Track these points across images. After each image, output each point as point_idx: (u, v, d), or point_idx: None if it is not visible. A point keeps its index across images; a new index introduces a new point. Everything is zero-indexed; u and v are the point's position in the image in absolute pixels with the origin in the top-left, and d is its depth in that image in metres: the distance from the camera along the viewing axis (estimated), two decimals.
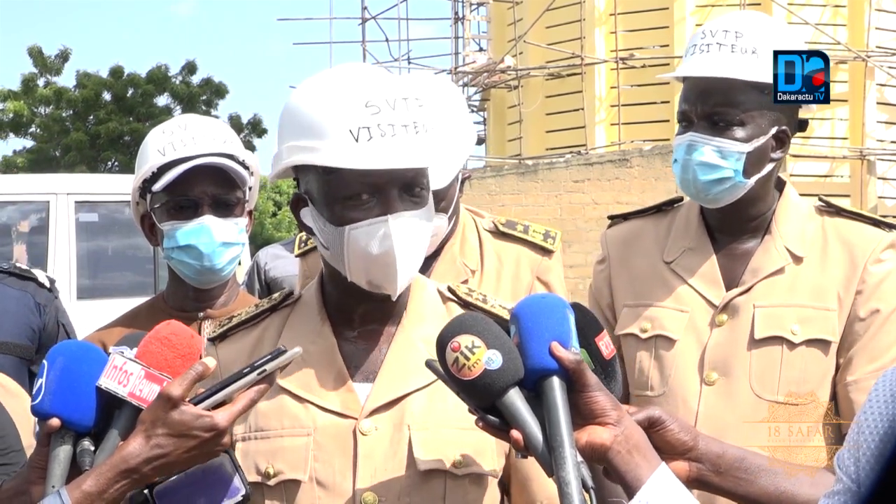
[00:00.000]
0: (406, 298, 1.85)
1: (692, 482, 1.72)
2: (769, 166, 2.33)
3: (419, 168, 1.74)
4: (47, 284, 2.91)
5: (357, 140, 1.70)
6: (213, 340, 1.92)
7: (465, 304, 1.86)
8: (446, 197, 2.53)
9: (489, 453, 1.78)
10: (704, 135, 2.30)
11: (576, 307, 1.68)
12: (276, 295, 1.94)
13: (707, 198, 2.34)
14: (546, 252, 2.72)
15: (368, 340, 1.84)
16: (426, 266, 2.64)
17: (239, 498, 1.73)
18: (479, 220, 2.75)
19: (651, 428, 1.67)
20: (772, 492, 1.71)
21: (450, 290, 1.90)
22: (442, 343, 1.56)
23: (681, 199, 2.53)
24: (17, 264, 2.93)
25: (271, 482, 1.77)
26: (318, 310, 1.86)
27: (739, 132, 2.29)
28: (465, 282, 2.60)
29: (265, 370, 1.64)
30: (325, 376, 1.80)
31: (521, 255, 2.71)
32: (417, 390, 1.77)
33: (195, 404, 1.63)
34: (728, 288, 2.35)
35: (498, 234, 2.74)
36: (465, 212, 2.73)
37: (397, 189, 1.73)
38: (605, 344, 1.68)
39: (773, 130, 2.31)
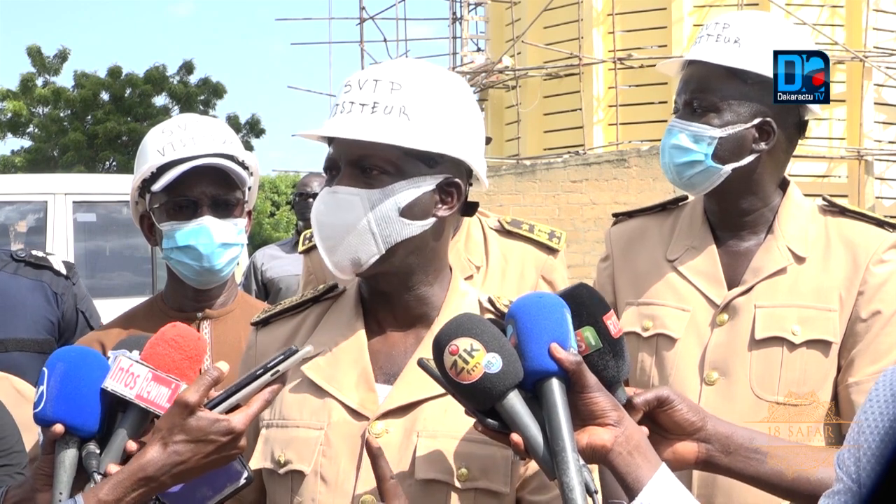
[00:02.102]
0: (440, 302, 1.83)
1: (701, 463, 1.72)
2: (750, 157, 2.33)
3: (372, 147, 1.71)
4: (63, 271, 2.85)
5: (329, 117, 1.77)
6: (255, 325, 1.93)
7: (502, 315, 1.79)
8: None
9: (501, 471, 1.74)
10: (684, 120, 2.35)
11: (583, 287, 1.68)
12: (321, 286, 1.93)
13: (682, 181, 2.37)
14: (551, 251, 2.73)
15: (398, 341, 1.82)
16: None
17: (241, 482, 1.73)
18: (484, 220, 2.76)
19: (659, 407, 1.68)
20: (783, 472, 1.71)
21: (490, 301, 1.86)
22: (439, 346, 1.54)
23: (685, 198, 2.54)
24: (33, 252, 2.87)
25: (281, 471, 1.78)
26: (354, 305, 1.86)
27: (715, 118, 2.32)
28: (470, 277, 2.60)
29: (278, 370, 1.64)
30: (349, 372, 1.79)
31: (526, 254, 2.71)
32: (435, 397, 1.73)
33: (210, 408, 1.62)
34: (730, 286, 2.35)
35: (503, 232, 2.75)
36: None
37: (350, 166, 1.74)
38: (612, 323, 1.67)
39: (756, 121, 2.31)
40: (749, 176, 2.35)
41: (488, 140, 2.88)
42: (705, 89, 2.32)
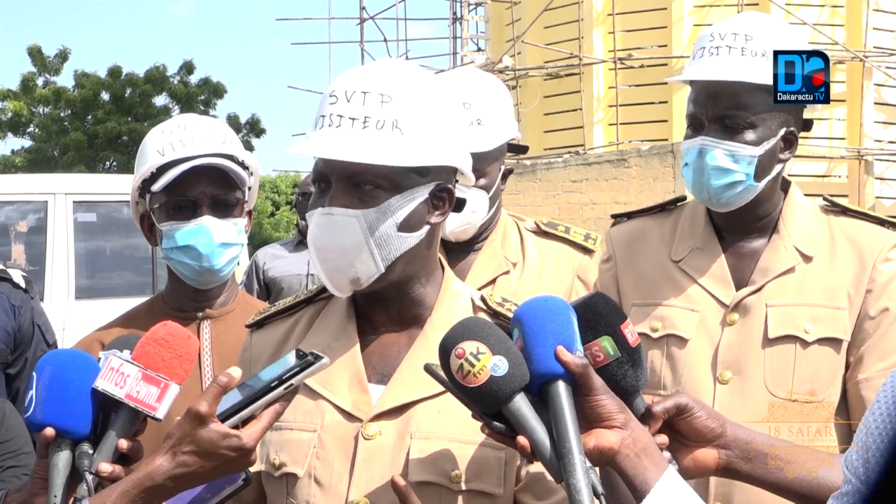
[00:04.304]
0: (433, 302, 1.82)
1: (721, 470, 1.73)
2: (777, 167, 2.34)
3: (367, 165, 1.68)
4: (22, 285, 2.87)
5: (315, 128, 1.73)
6: (250, 327, 1.93)
7: (494, 314, 1.80)
8: (486, 176, 2.65)
9: (495, 473, 1.73)
10: (716, 138, 2.30)
11: (598, 296, 1.68)
12: (314, 287, 1.93)
13: (719, 202, 2.33)
14: (587, 251, 2.79)
15: (391, 341, 1.81)
16: (466, 259, 2.72)
17: (239, 483, 1.74)
18: (520, 222, 2.84)
19: (679, 415, 1.68)
20: (803, 478, 1.71)
21: (482, 299, 1.84)
22: (446, 349, 1.54)
23: (684, 198, 2.54)
24: None
25: (276, 473, 1.78)
26: (346, 306, 1.85)
27: (750, 135, 2.29)
28: (507, 273, 2.68)
29: (292, 384, 1.62)
30: (342, 374, 1.78)
31: (562, 253, 2.77)
32: (428, 398, 1.73)
33: (223, 419, 1.61)
34: (737, 287, 2.35)
35: (540, 233, 2.82)
36: (506, 215, 2.81)
37: (342, 183, 1.71)
38: (630, 331, 1.67)
39: (782, 132, 2.31)
40: (772, 184, 2.36)
41: (525, 149, 2.97)
42: (739, 106, 2.28)
